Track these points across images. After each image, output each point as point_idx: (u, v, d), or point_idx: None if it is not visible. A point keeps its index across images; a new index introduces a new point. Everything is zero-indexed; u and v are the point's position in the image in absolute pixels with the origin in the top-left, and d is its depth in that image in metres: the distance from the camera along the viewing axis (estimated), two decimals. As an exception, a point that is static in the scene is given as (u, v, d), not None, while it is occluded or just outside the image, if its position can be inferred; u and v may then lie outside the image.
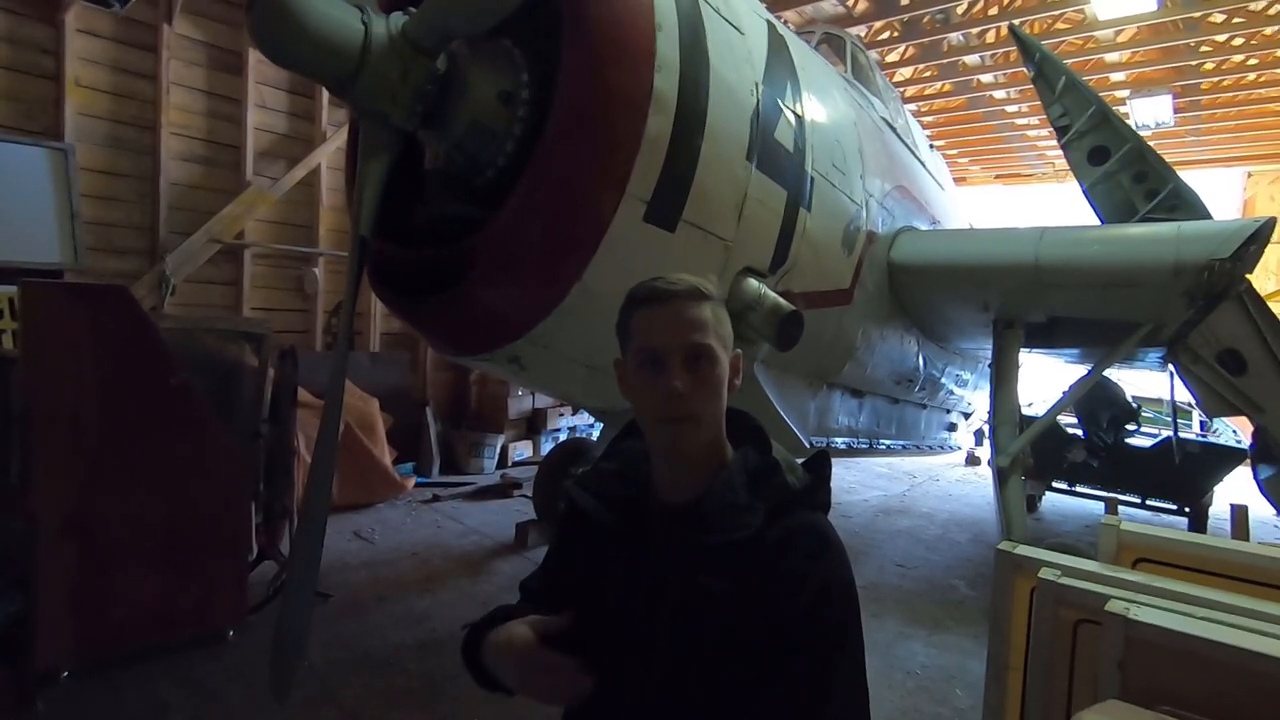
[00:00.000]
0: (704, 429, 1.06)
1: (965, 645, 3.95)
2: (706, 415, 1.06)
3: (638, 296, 1.08)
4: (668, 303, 1.06)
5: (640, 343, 1.07)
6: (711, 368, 1.05)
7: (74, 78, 5.24)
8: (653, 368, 1.05)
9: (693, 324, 1.04)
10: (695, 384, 1.04)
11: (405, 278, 2.39)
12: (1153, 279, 3.48)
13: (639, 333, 1.07)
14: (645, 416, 1.09)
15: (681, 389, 1.03)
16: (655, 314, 1.06)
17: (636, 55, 2.09)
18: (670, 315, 1.05)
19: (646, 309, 1.07)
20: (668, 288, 1.06)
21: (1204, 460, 6.22)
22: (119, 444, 3.17)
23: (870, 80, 4.70)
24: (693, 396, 1.04)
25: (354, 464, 5.83)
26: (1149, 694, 1.41)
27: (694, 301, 1.06)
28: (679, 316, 1.05)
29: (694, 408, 1.04)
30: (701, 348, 1.04)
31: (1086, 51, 8.99)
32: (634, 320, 1.08)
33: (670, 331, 1.05)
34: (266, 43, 1.84)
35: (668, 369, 1.04)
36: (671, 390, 1.03)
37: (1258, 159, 12.28)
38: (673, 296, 1.06)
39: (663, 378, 1.04)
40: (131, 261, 5.67)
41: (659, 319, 1.06)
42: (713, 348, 1.05)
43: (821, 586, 1.01)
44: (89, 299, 3.20)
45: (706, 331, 1.05)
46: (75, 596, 3.06)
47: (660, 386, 1.04)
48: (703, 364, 1.04)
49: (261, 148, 6.46)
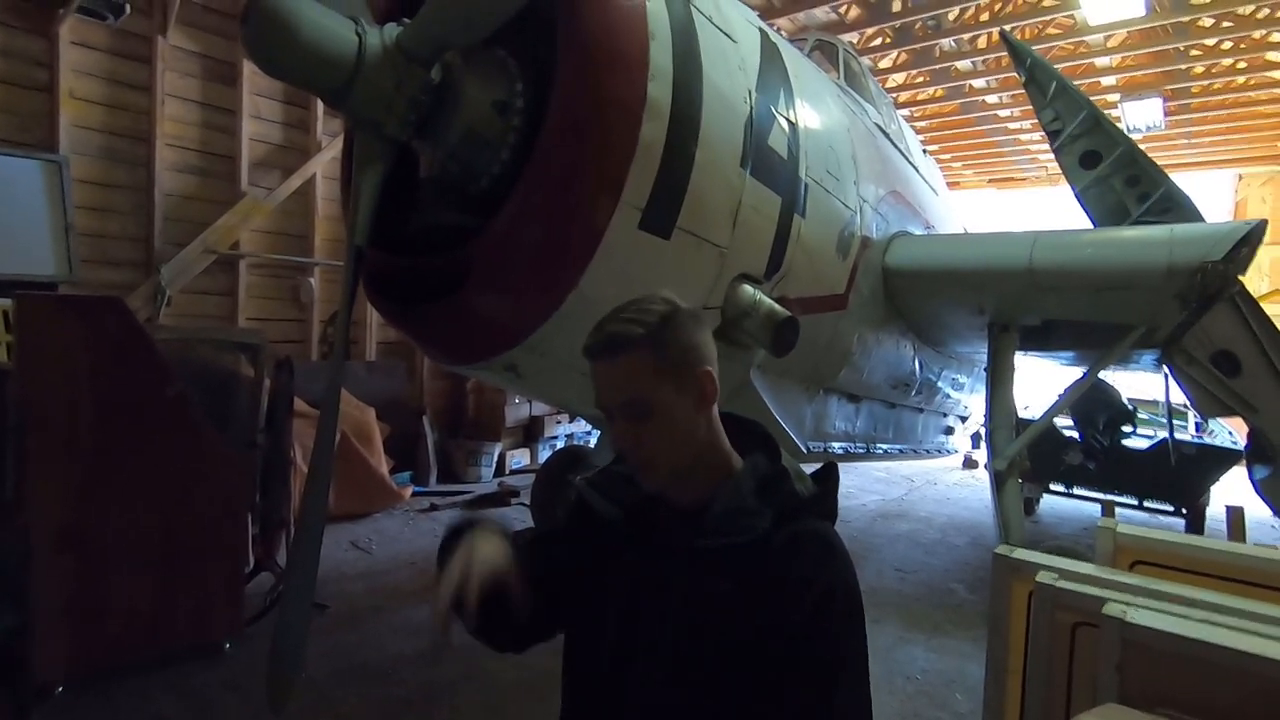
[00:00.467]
0: (664, 468, 1.08)
1: (965, 649, 3.95)
2: (658, 460, 1.07)
3: (586, 347, 1.09)
4: (597, 360, 1.07)
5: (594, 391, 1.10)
6: (653, 416, 1.05)
7: (68, 90, 5.24)
8: (607, 418, 1.10)
9: (623, 380, 1.05)
10: (637, 436, 1.06)
11: (401, 287, 2.38)
12: (1146, 281, 3.50)
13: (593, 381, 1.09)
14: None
15: (624, 444, 1.08)
16: (596, 369, 1.08)
17: (630, 64, 2.10)
18: (604, 374, 1.07)
19: (591, 365, 1.08)
20: (594, 343, 1.07)
21: (1200, 461, 6.24)
22: (114, 455, 3.16)
23: (863, 86, 4.72)
24: (641, 447, 1.07)
25: (351, 474, 5.81)
26: (1147, 696, 1.41)
27: (620, 354, 1.04)
28: (609, 374, 1.06)
29: (644, 454, 1.07)
30: (634, 403, 1.05)
31: (1077, 56, 9.06)
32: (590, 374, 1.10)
33: (605, 390, 1.07)
34: (261, 54, 1.84)
35: (613, 422, 1.08)
36: (618, 443, 1.09)
37: (1248, 161, 12.37)
38: (600, 353, 1.06)
39: (612, 429, 1.09)
40: (126, 273, 5.66)
41: (599, 375, 1.07)
42: (644, 399, 1.04)
43: (826, 592, 1.02)
44: (83, 311, 3.20)
45: (639, 383, 1.04)
46: (71, 609, 3.05)
47: (612, 438, 1.11)
48: (642, 415, 1.05)
49: (256, 158, 6.47)
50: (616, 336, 1.04)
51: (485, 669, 3.49)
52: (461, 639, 1.15)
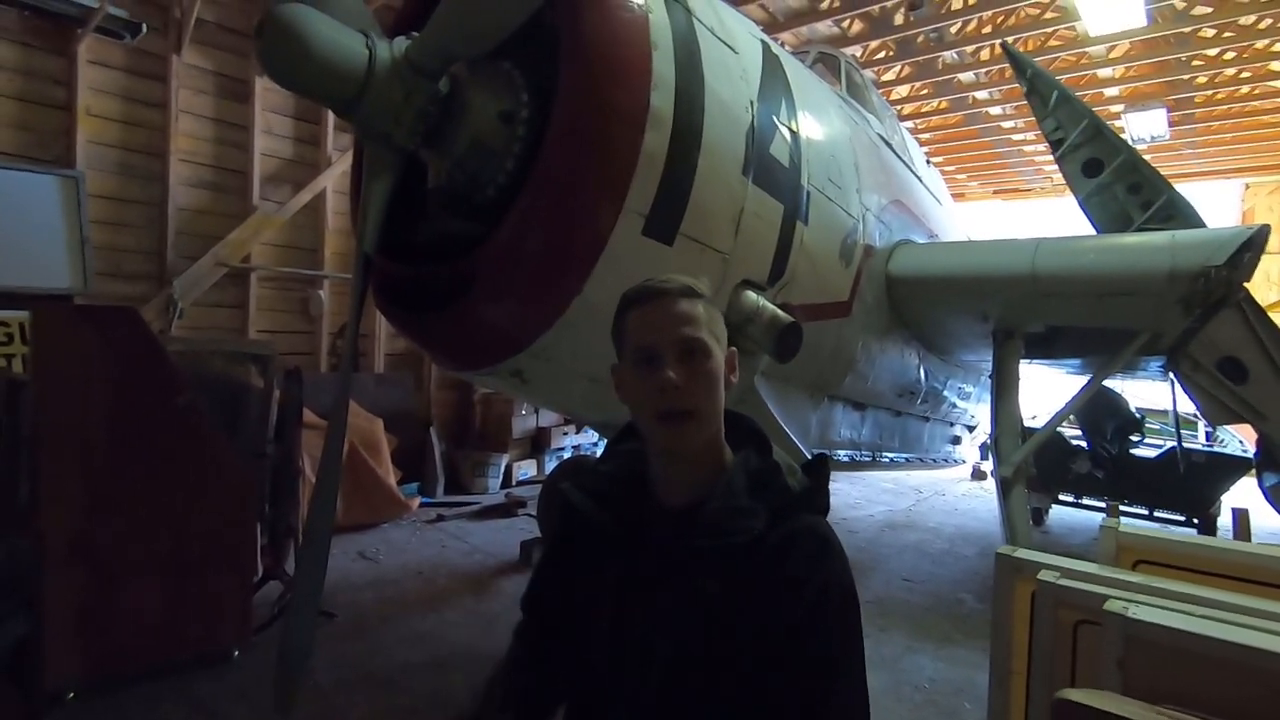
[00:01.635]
0: (703, 425, 1.06)
1: (973, 658, 3.91)
2: (703, 409, 1.06)
3: (630, 298, 1.11)
4: (659, 300, 1.08)
5: (635, 341, 1.08)
6: (706, 360, 1.06)
7: (85, 107, 5.35)
8: (648, 364, 1.06)
9: (685, 318, 1.06)
10: (690, 377, 1.04)
11: (409, 294, 2.43)
12: (1148, 287, 3.50)
13: (633, 332, 1.09)
14: (643, 415, 1.09)
15: (677, 381, 1.03)
16: (648, 311, 1.08)
17: (633, 74, 2.15)
18: (662, 311, 1.07)
19: (639, 308, 1.09)
20: (659, 286, 1.09)
21: (1210, 470, 6.20)
22: (126, 465, 3.20)
23: (865, 98, 4.77)
24: (689, 390, 1.04)
25: (359, 484, 5.84)
26: (1150, 692, 1.41)
27: (685, 298, 1.08)
28: (671, 312, 1.06)
29: (691, 401, 1.05)
30: (695, 341, 1.05)
31: (1080, 68, 9.11)
32: (628, 320, 1.10)
33: (663, 327, 1.06)
34: (275, 67, 1.90)
35: (663, 364, 1.04)
36: (667, 383, 1.03)
37: (1255, 170, 12.34)
38: (664, 294, 1.08)
39: (658, 373, 1.04)
40: (140, 286, 5.74)
41: (651, 316, 1.07)
42: (706, 341, 1.06)
43: (822, 589, 1.01)
44: (99, 320, 3.26)
45: (699, 325, 1.06)
46: (82, 617, 3.08)
47: (656, 381, 1.04)
48: (697, 357, 1.05)
49: (268, 173, 6.57)
50: (689, 285, 1.09)
51: (492, 677, 3.49)
52: (464, 647, 1.17)
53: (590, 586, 1.15)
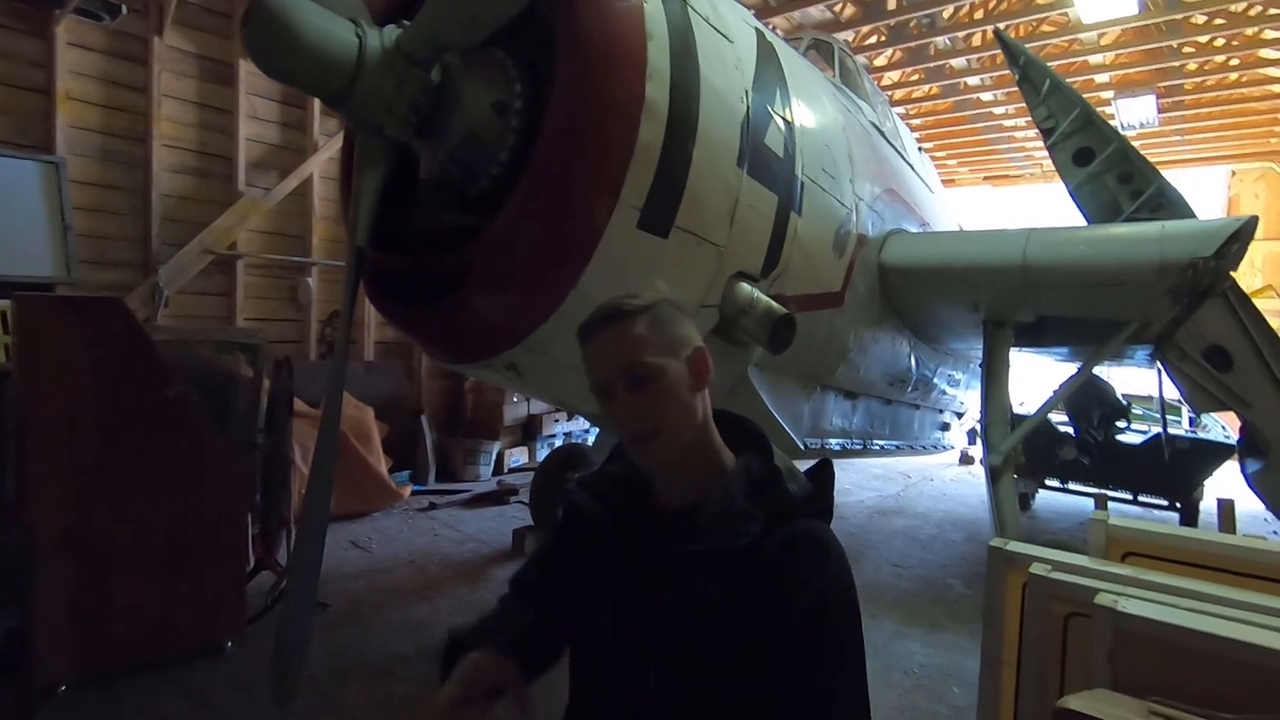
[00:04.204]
0: (672, 439, 1.08)
1: (962, 643, 3.98)
2: (669, 426, 1.07)
3: (579, 333, 1.11)
4: (597, 335, 1.08)
5: (590, 376, 1.10)
6: (655, 384, 1.06)
7: (65, 91, 5.24)
8: (605, 399, 1.09)
9: (623, 347, 1.06)
10: (644, 404, 1.06)
11: (401, 287, 2.40)
12: (1138, 278, 3.53)
13: (588, 367, 1.10)
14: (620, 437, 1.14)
15: (629, 414, 1.06)
16: (591, 349, 1.09)
17: (628, 65, 2.13)
18: (604, 344, 1.08)
19: (585, 346, 1.10)
20: (593, 319, 1.09)
21: (1193, 456, 6.30)
22: (115, 456, 3.17)
23: (858, 85, 4.75)
24: (645, 415, 1.06)
25: (349, 473, 5.83)
26: (1139, 684, 1.44)
27: (619, 323, 1.07)
28: (609, 345, 1.07)
29: (650, 424, 1.06)
30: (636, 367, 1.05)
31: (1071, 54, 9.11)
32: (584, 356, 1.11)
33: (604, 362, 1.08)
34: (262, 56, 1.86)
35: (615, 397, 1.07)
36: (622, 416, 1.07)
37: (1241, 157, 12.44)
38: (598, 327, 1.08)
39: (614, 405, 1.08)
40: (124, 274, 5.67)
41: (594, 352, 1.09)
42: (648, 364, 1.06)
43: (820, 593, 1.01)
44: (84, 311, 3.21)
45: (640, 349, 1.06)
46: (73, 609, 3.06)
47: (614, 414, 1.08)
48: (645, 383, 1.06)
49: (253, 158, 6.48)
50: (616, 308, 1.08)
51: (486, 666, 3.52)
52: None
53: (592, 587, 1.16)
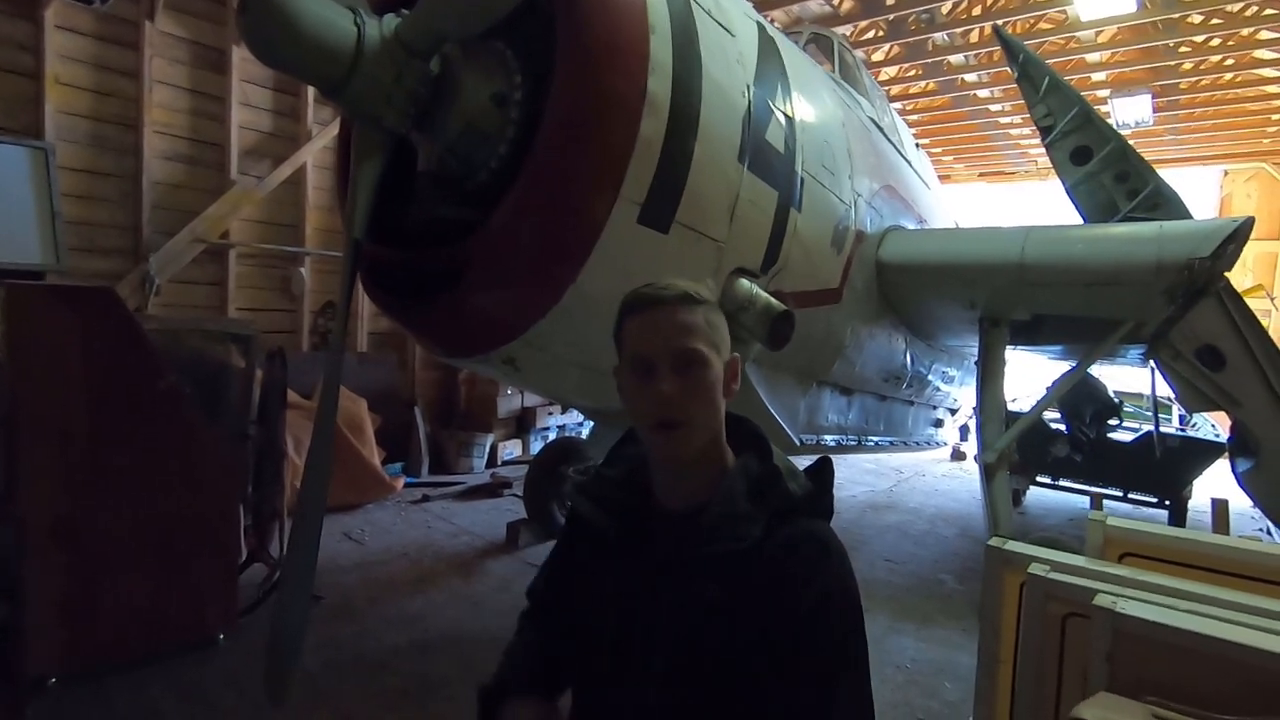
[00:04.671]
0: (697, 434, 1.06)
1: (954, 639, 4.01)
2: (698, 420, 1.05)
3: (629, 304, 1.09)
4: (657, 309, 1.06)
5: (632, 349, 1.07)
6: (702, 372, 1.04)
7: (54, 75, 5.16)
8: (644, 374, 1.05)
9: (682, 329, 1.04)
10: (685, 388, 1.03)
11: (399, 280, 2.38)
12: (1135, 278, 3.54)
13: (630, 339, 1.07)
14: (640, 423, 1.09)
15: (670, 394, 1.03)
16: (645, 320, 1.06)
17: (630, 58, 2.11)
18: (659, 321, 1.05)
19: (637, 316, 1.07)
20: (657, 294, 1.06)
21: (1184, 454, 6.35)
22: (106, 447, 3.14)
23: (857, 80, 4.73)
24: (683, 401, 1.03)
25: (342, 465, 5.79)
26: (1136, 685, 1.45)
27: (684, 306, 1.05)
28: (668, 322, 1.05)
29: (685, 412, 1.04)
30: (690, 352, 1.04)
31: (1068, 52, 9.11)
32: (626, 327, 1.08)
33: (659, 337, 1.05)
34: (259, 45, 1.83)
35: (657, 374, 1.03)
36: (661, 395, 1.03)
37: (1234, 157, 12.49)
38: (661, 302, 1.06)
39: (653, 383, 1.04)
40: (115, 262, 5.59)
41: (648, 325, 1.06)
42: (702, 352, 1.04)
43: (823, 593, 1.01)
44: (75, 301, 3.16)
45: (696, 336, 1.04)
46: (64, 602, 3.03)
47: (650, 392, 1.04)
48: (693, 369, 1.04)
49: (246, 146, 6.40)
50: (689, 292, 1.06)
51: (481, 661, 3.51)
52: (452, 628, 1.17)
53: (595, 590, 1.15)
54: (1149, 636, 1.47)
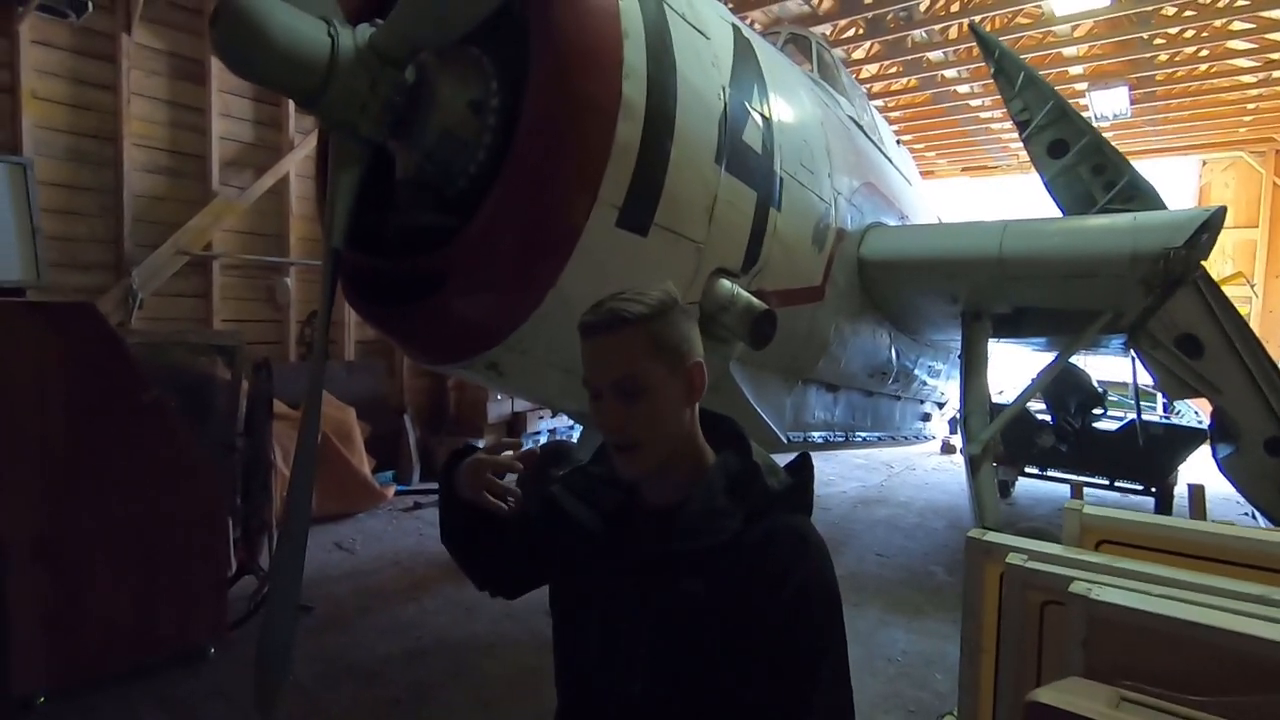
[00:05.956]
0: (650, 453, 1.08)
1: (944, 630, 4.04)
2: (647, 441, 1.07)
3: (580, 327, 1.10)
4: (595, 337, 1.07)
5: (584, 373, 1.10)
6: (644, 397, 1.05)
7: (30, 90, 5.12)
8: (594, 399, 1.08)
9: (619, 357, 1.05)
10: (628, 415, 1.06)
11: (379, 288, 2.38)
12: (1111, 269, 3.58)
13: (584, 364, 1.10)
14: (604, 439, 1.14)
15: (613, 423, 1.06)
16: (588, 347, 1.08)
17: (604, 63, 2.12)
18: (598, 350, 1.07)
19: (584, 343, 1.09)
20: (594, 320, 1.07)
21: (1167, 441, 6.42)
22: (90, 462, 3.13)
23: (836, 79, 4.76)
24: (628, 427, 1.06)
25: (332, 474, 5.78)
26: (1113, 670, 1.47)
27: (621, 331, 1.05)
28: (606, 350, 1.06)
29: (632, 436, 1.06)
30: (627, 380, 1.05)
31: (1045, 46, 9.21)
32: (581, 351, 1.10)
33: (599, 366, 1.07)
34: (232, 57, 1.83)
35: (603, 402, 1.07)
36: (605, 423, 1.08)
37: (1212, 147, 12.64)
38: (598, 330, 1.07)
39: (599, 411, 1.08)
40: (96, 276, 5.56)
41: (591, 352, 1.08)
42: (640, 379, 1.05)
43: (801, 586, 1.02)
44: (56, 317, 3.15)
45: (634, 361, 1.05)
46: (49, 618, 3.02)
47: (598, 419, 1.09)
48: (634, 394, 1.05)
49: (227, 157, 6.38)
50: (618, 312, 1.05)
51: (473, 667, 3.52)
52: (445, 635, 1.18)
53: (579, 586, 1.17)
54: (1124, 622, 1.50)
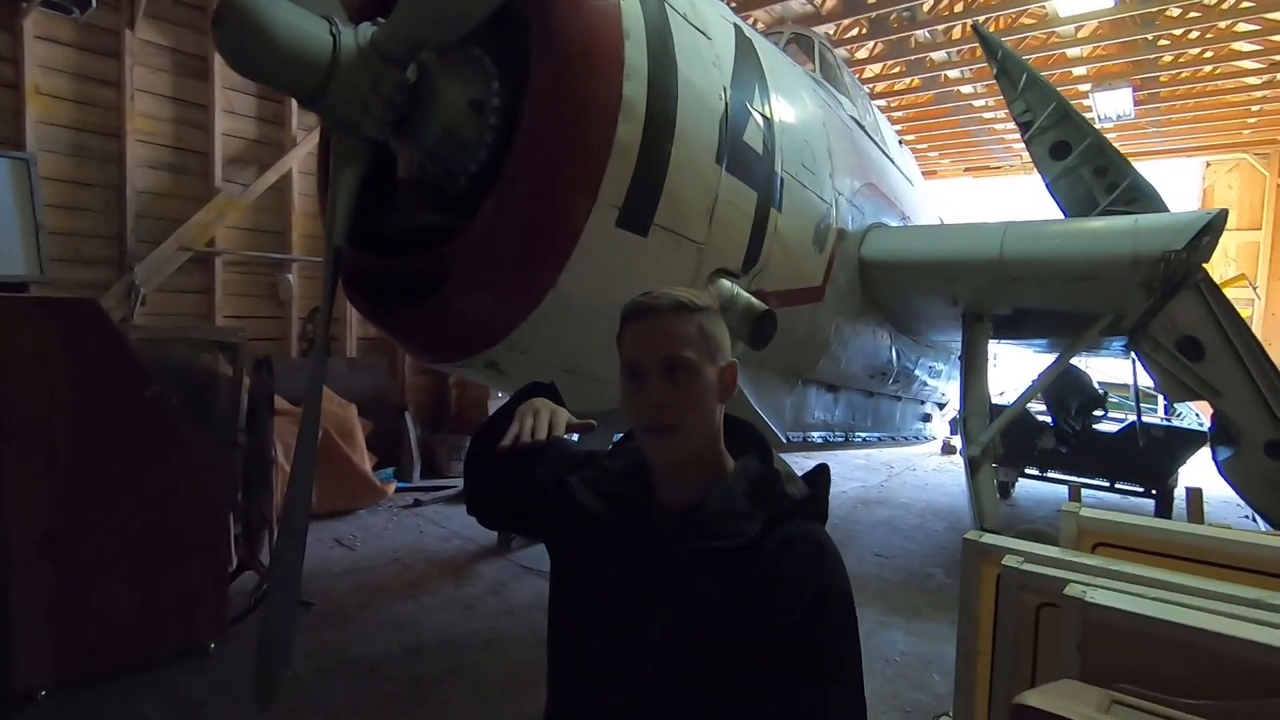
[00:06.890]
0: (687, 438, 1.08)
1: (943, 631, 4.04)
2: (688, 424, 1.08)
3: (627, 312, 1.12)
4: (648, 318, 1.09)
5: (626, 357, 1.10)
6: (690, 378, 1.07)
7: (34, 85, 5.14)
8: (635, 381, 1.09)
9: (671, 337, 1.07)
10: (673, 394, 1.06)
11: (381, 286, 2.40)
12: (1112, 271, 3.59)
13: (626, 347, 1.11)
14: (635, 426, 1.13)
15: (658, 400, 1.06)
16: (637, 329, 1.10)
17: (605, 63, 2.12)
18: (650, 329, 1.09)
19: (632, 325, 1.10)
20: (651, 302, 1.10)
21: (1167, 444, 6.41)
22: (94, 458, 3.14)
23: (838, 79, 4.76)
24: (671, 406, 1.06)
25: (333, 471, 5.79)
26: (1107, 673, 1.48)
27: (676, 315, 1.08)
28: (658, 330, 1.08)
29: (673, 417, 1.07)
30: (678, 359, 1.07)
31: (1049, 46, 9.19)
32: (624, 336, 1.11)
33: (649, 345, 1.08)
34: (235, 56, 1.84)
35: (648, 381, 1.07)
36: (651, 401, 1.07)
37: (1215, 149, 12.62)
38: (654, 311, 1.09)
39: (644, 390, 1.07)
40: (99, 272, 5.58)
41: (640, 334, 1.09)
42: (691, 359, 1.07)
43: (818, 594, 1.02)
44: (58, 312, 3.16)
45: (685, 344, 1.07)
46: (52, 613, 3.03)
47: (642, 398, 1.08)
48: (680, 375, 1.06)
49: (230, 154, 6.39)
50: (683, 300, 1.09)
51: (472, 664, 3.53)
52: (444, 632, 1.18)
53: (590, 582, 1.16)
54: (1119, 625, 1.51)
